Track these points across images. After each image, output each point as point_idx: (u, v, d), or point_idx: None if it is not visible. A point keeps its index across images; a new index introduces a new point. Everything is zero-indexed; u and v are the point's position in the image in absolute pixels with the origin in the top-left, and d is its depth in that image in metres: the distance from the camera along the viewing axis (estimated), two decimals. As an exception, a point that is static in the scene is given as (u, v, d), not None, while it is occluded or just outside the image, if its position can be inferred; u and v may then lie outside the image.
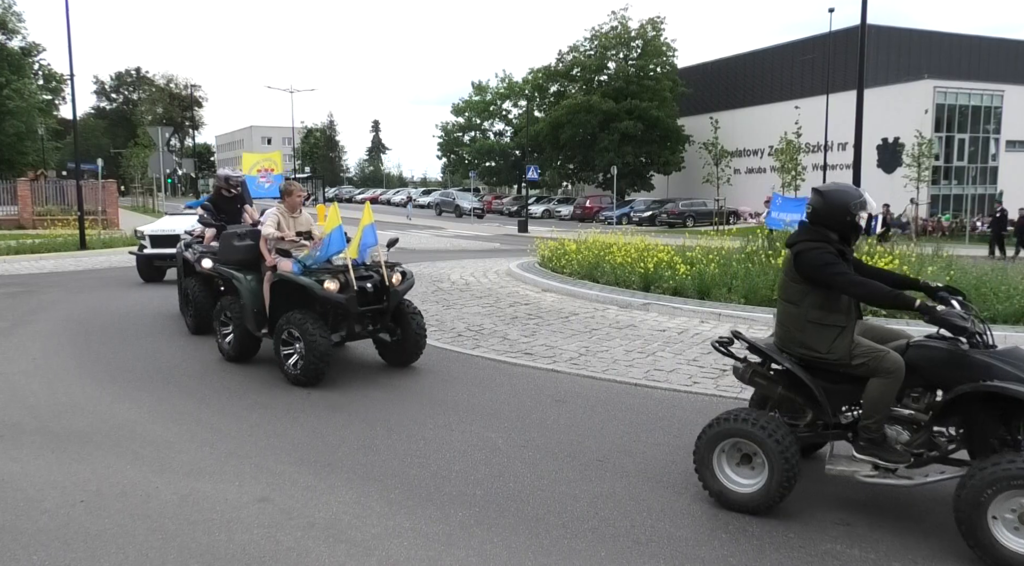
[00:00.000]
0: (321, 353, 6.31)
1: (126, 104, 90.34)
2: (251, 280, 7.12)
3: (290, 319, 6.48)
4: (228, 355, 7.40)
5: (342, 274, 6.62)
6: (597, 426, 5.51)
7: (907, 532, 3.82)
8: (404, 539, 3.72)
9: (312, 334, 6.31)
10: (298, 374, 6.44)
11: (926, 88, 41.27)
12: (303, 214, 7.32)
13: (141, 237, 13.95)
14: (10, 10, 43.33)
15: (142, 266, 13.87)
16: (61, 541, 3.68)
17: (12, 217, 27.57)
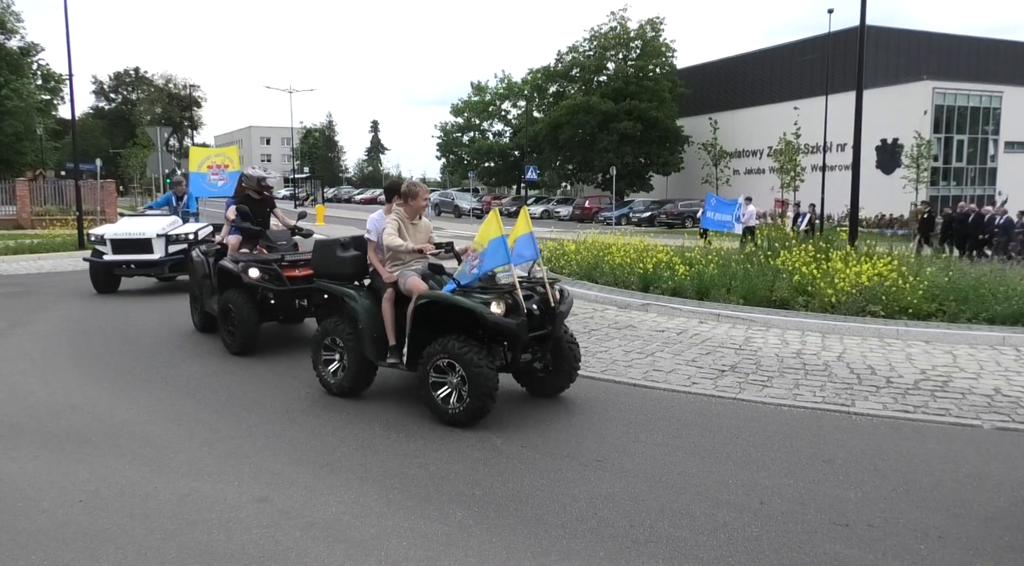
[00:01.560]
0: (489, 388, 5.22)
1: (125, 104, 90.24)
2: (367, 299, 5.95)
3: (448, 347, 5.29)
4: (336, 389, 6.17)
5: (508, 294, 5.42)
6: (596, 426, 5.51)
7: (906, 532, 3.82)
8: (403, 539, 3.72)
9: (479, 365, 5.20)
10: (458, 413, 5.32)
11: (925, 89, 41.34)
12: (423, 220, 6.28)
13: (98, 241, 12.17)
14: (8, 10, 43.32)
15: (98, 274, 12.08)
16: (59, 541, 3.67)
17: (11, 217, 27.55)
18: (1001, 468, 4.70)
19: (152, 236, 12.00)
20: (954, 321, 9.03)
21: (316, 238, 6.95)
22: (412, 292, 5.64)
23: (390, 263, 6.00)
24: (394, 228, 5.88)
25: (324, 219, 34.86)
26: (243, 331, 7.52)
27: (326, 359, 6.27)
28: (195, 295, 8.94)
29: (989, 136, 44.47)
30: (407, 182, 6.17)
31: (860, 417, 5.74)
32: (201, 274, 8.58)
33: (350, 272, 6.23)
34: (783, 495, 4.26)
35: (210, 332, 8.56)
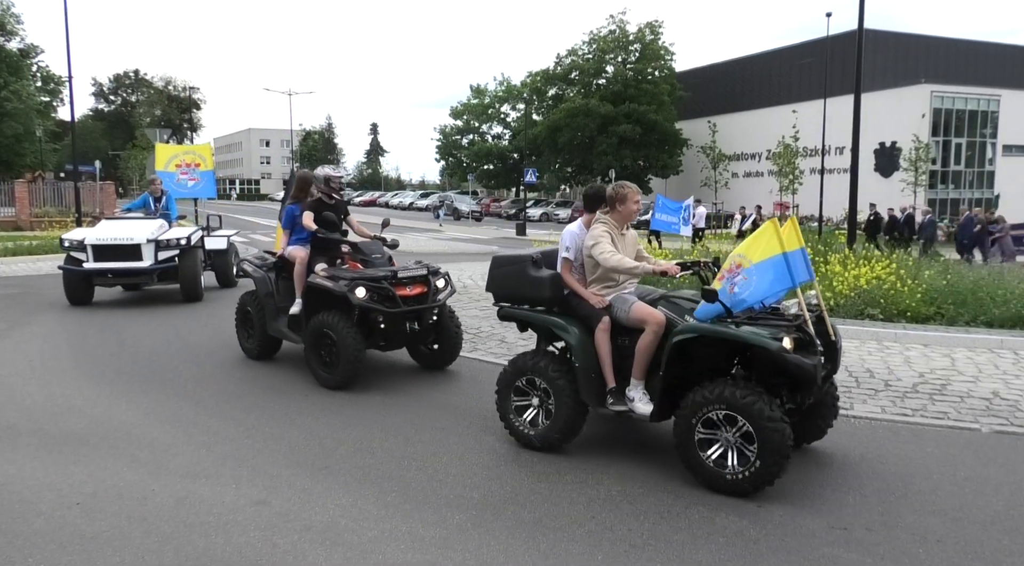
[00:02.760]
0: (786, 447, 4.12)
1: (124, 106, 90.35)
2: (580, 331, 4.86)
3: (725, 396, 4.19)
4: (539, 441, 4.98)
5: (796, 327, 4.33)
6: (594, 429, 5.50)
7: (904, 535, 3.82)
8: (401, 542, 3.71)
9: (772, 419, 4.09)
10: (743, 480, 4.20)
11: (923, 92, 41.40)
12: (631, 230, 5.24)
13: (74, 247, 10.90)
14: (8, 11, 43.40)
15: (75, 285, 10.86)
16: (57, 543, 3.67)
17: (10, 219, 27.51)
18: (999, 472, 4.70)
19: (142, 241, 10.85)
20: (952, 324, 9.03)
21: (496, 253, 5.66)
22: (645, 322, 4.59)
23: (598, 285, 4.92)
24: (608, 243, 4.82)
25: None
26: (347, 360, 6.33)
27: (519, 405, 5.11)
28: (246, 316, 7.68)
29: (987, 139, 44.55)
30: (614, 184, 5.04)
31: (858, 420, 5.74)
32: (264, 292, 7.40)
33: (548, 296, 5.03)
34: (781, 498, 4.26)
35: (265, 359, 7.61)
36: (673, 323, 4.55)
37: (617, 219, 4.98)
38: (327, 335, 6.45)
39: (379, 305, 6.43)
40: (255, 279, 7.57)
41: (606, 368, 4.79)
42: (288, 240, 7.47)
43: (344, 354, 6.34)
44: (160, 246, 11.00)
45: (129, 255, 10.82)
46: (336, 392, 6.47)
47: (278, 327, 7.28)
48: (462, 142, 67.77)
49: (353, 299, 6.33)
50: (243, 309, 7.75)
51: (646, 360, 4.61)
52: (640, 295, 4.90)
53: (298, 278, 7.07)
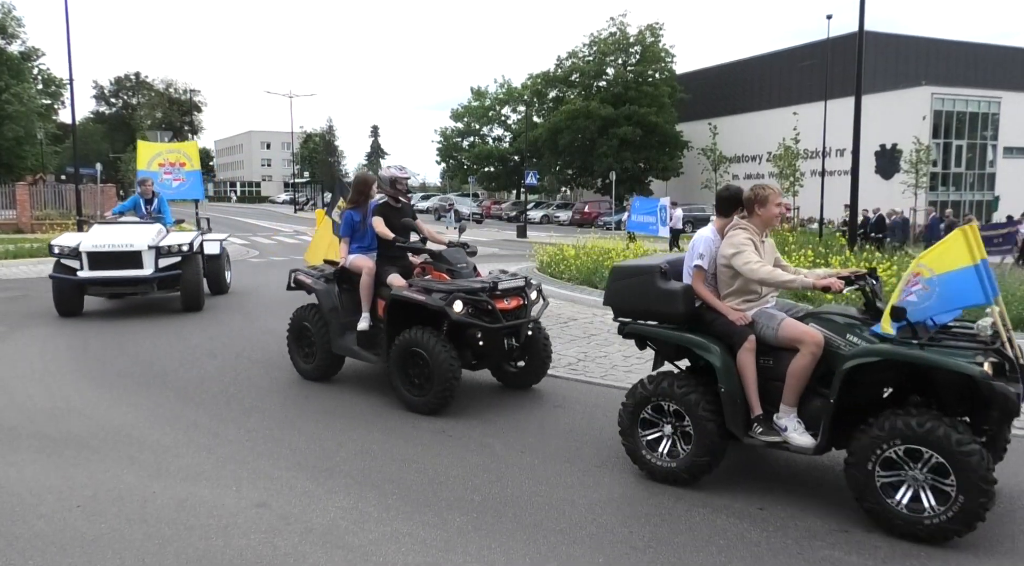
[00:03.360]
0: (986, 469, 3.64)
1: (125, 109, 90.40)
2: (722, 352, 4.36)
3: (900, 429, 3.70)
4: (686, 473, 4.44)
5: (992, 349, 3.79)
6: (595, 432, 5.51)
7: (905, 538, 3.81)
8: (402, 545, 3.71)
9: (963, 442, 3.62)
10: (950, 520, 3.67)
11: (924, 95, 41.39)
12: (769, 237, 4.74)
13: (66, 254, 10.08)
14: (10, 14, 43.36)
15: (66, 295, 10.14)
16: (57, 546, 3.67)
17: (11, 221, 27.54)
18: (1000, 474, 4.67)
19: (143, 248, 10.14)
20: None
21: (615, 263, 5.16)
22: (800, 342, 4.12)
23: (736, 298, 4.47)
24: (753, 251, 4.35)
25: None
26: (441, 382, 5.69)
27: (651, 439, 4.59)
28: (303, 334, 6.98)
29: (988, 141, 44.51)
30: (753, 186, 4.58)
31: (859, 423, 5.73)
32: (328, 306, 6.68)
33: (682, 311, 4.50)
34: (782, 500, 4.26)
35: (323, 380, 6.89)
36: (832, 343, 4.09)
37: (758, 224, 4.50)
38: (417, 354, 5.80)
39: (479, 320, 5.79)
40: (318, 292, 6.79)
41: (752, 393, 4.28)
42: (348, 248, 6.77)
43: (438, 375, 5.68)
44: (161, 253, 10.35)
45: (128, 263, 10.13)
46: (336, 396, 6.47)
47: (345, 345, 6.59)
48: (463, 144, 67.78)
49: (452, 314, 5.68)
50: (299, 326, 7.00)
51: (801, 385, 4.13)
52: (783, 310, 4.45)
53: (365, 290, 6.43)
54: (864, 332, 4.03)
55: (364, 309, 6.46)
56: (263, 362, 7.68)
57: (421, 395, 5.86)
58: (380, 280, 6.40)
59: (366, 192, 6.77)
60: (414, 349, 5.83)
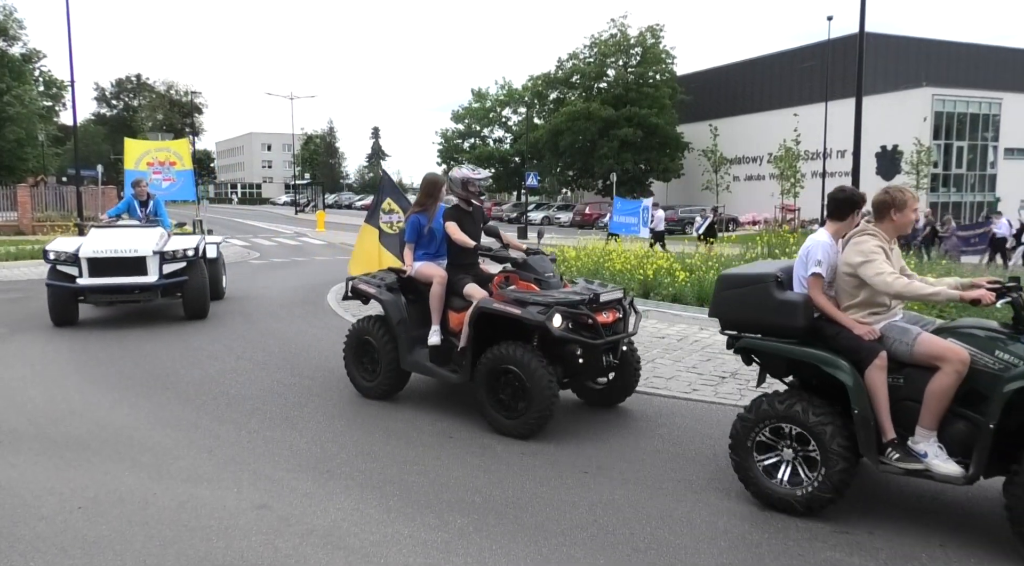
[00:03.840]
0: None
1: (126, 110, 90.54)
2: (852, 370, 3.95)
3: None
4: (816, 503, 4.03)
5: None
6: (596, 433, 5.51)
7: (907, 540, 3.81)
8: (403, 546, 3.71)
9: None
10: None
11: (925, 96, 41.42)
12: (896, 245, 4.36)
13: (64, 260, 9.48)
14: (11, 16, 43.41)
15: (63, 303, 9.52)
16: (58, 548, 3.67)
17: (12, 223, 27.56)
18: (1002, 476, 4.68)
19: (147, 254, 9.58)
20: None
21: (723, 272, 4.70)
22: (942, 359, 3.74)
23: (860, 310, 4.11)
24: (884, 261, 3.99)
25: (324, 225, 34.86)
26: (540, 402, 5.14)
27: (768, 465, 4.20)
28: (365, 349, 6.37)
29: (989, 143, 44.54)
30: (889, 188, 4.19)
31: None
32: (397, 318, 6.09)
33: (802, 324, 4.13)
34: (784, 502, 4.25)
35: (384, 400, 6.31)
36: (978, 361, 3.75)
37: (889, 231, 4.14)
38: (510, 373, 5.27)
39: (581, 335, 5.29)
40: (384, 303, 6.18)
41: (883, 415, 3.90)
42: (414, 254, 6.25)
43: (536, 396, 5.14)
44: (165, 258, 9.78)
45: (132, 269, 9.55)
46: (337, 398, 6.47)
47: (416, 361, 6.04)
48: (463, 146, 67.85)
49: (554, 330, 5.14)
50: (359, 340, 6.42)
51: (943, 407, 3.77)
52: (913, 323, 4.11)
53: (437, 301, 5.91)
54: (1012, 347, 3.71)
55: (434, 322, 5.95)
56: (264, 364, 7.68)
57: (513, 417, 5.31)
58: (453, 290, 5.90)
59: (435, 194, 6.23)
60: (506, 367, 5.27)
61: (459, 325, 5.78)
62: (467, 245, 5.82)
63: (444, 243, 6.16)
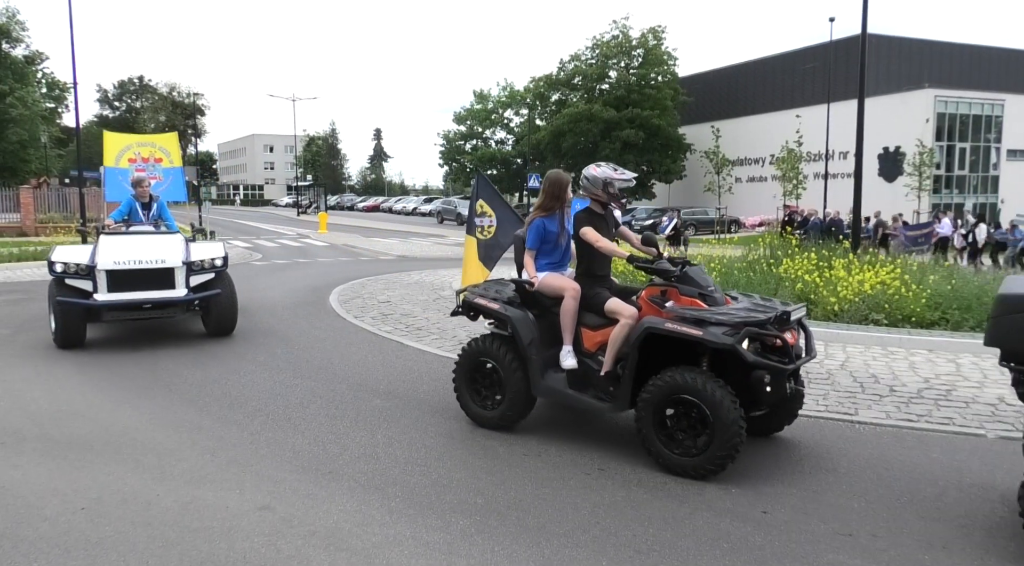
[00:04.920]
0: None
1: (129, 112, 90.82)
2: None
3: None
4: None
5: None
6: (599, 435, 5.50)
7: (910, 542, 3.81)
8: (405, 548, 3.71)
9: None
10: None
11: (927, 97, 41.37)
12: None
13: (77, 273, 8.29)
14: (14, 19, 43.51)
15: (74, 322, 8.22)
16: (61, 548, 3.67)
17: (14, 224, 27.63)
18: (1005, 478, 4.68)
19: (177, 264, 8.45)
20: (957, 329, 9.00)
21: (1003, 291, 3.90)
22: None
23: None
24: None
25: (327, 226, 34.88)
26: (725, 439, 4.44)
27: None
28: (482, 372, 5.61)
29: (991, 144, 44.48)
30: None
31: (863, 426, 5.73)
32: (528, 338, 5.29)
33: None
34: (786, 504, 4.25)
35: (503, 430, 5.52)
36: None
37: None
38: (686, 403, 4.56)
39: (772, 360, 4.60)
40: (513, 321, 5.35)
41: None
42: (534, 263, 5.54)
43: (722, 430, 4.42)
44: (193, 269, 8.65)
45: (159, 282, 8.40)
46: (339, 400, 6.47)
47: (552, 387, 5.25)
48: (465, 147, 67.90)
49: (746, 355, 4.46)
50: (475, 363, 5.62)
51: None
52: None
53: (570, 317, 5.21)
54: None
55: (566, 341, 5.25)
56: (266, 365, 7.68)
57: (690, 455, 4.59)
58: (587, 305, 5.23)
59: (561, 196, 5.50)
60: (681, 396, 4.57)
61: (595, 345, 5.17)
62: (618, 256, 5.17)
63: (568, 251, 5.54)
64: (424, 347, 8.55)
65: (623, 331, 4.91)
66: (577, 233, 5.25)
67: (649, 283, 5.12)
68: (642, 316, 4.90)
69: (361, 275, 16.21)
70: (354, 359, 7.99)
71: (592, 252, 5.23)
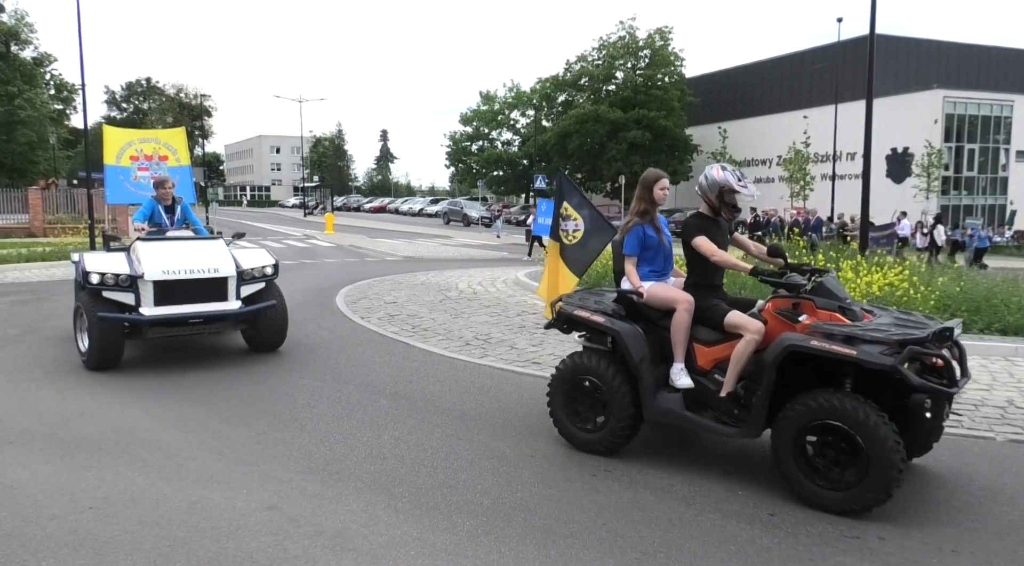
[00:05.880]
0: None
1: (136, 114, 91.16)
2: None
3: None
4: None
5: None
6: (605, 436, 5.49)
7: (918, 546, 3.79)
8: (411, 548, 3.71)
9: None
10: None
11: (935, 98, 41.21)
12: None
13: (116, 285, 7.27)
14: (23, 21, 43.82)
15: (113, 339, 7.22)
16: (69, 547, 3.69)
17: (23, 225, 27.79)
18: (1014, 481, 4.66)
19: (231, 273, 7.58)
20: (966, 331, 8.95)
21: None
22: None
23: None
24: None
25: (333, 227, 34.96)
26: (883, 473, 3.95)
27: None
28: (582, 389, 5.11)
29: (1000, 145, 44.27)
30: None
31: (871, 428, 5.69)
32: (639, 355, 4.81)
33: None
34: (794, 506, 4.23)
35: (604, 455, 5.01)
36: None
37: None
38: (836, 431, 4.06)
39: (934, 381, 4.06)
40: (623, 336, 4.85)
41: None
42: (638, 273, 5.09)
43: (879, 461, 3.93)
44: (244, 279, 7.79)
45: (211, 294, 7.50)
46: (345, 400, 6.48)
47: (666, 408, 4.76)
48: (472, 148, 67.94)
49: (911, 378, 3.93)
50: (574, 381, 5.14)
51: None
52: None
53: (682, 332, 4.77)
54: None
55: (678, 358, 4.80)
56: (273, 365, 7.70)
57: (837, 488, 4.10)
58: (705, 319, 4.79)
59: (652, 198, 5.19)
60: (828, 423, 4.07)
61: (710, 362, 4.75)
62: (739, 270, 4.73)
63: (671, 257, 5.17)
64: (430, 348, 8.55)
65: (749, 348, 4.44)
66: (689, 242, 4.84)
67: (773, 294, 4.66)
68: (769, 331, 4.43)
69: (367, 276, 16.24)
70: (360, 360, 8.00)
71: (705, 260, 4.80)
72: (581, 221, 6.46)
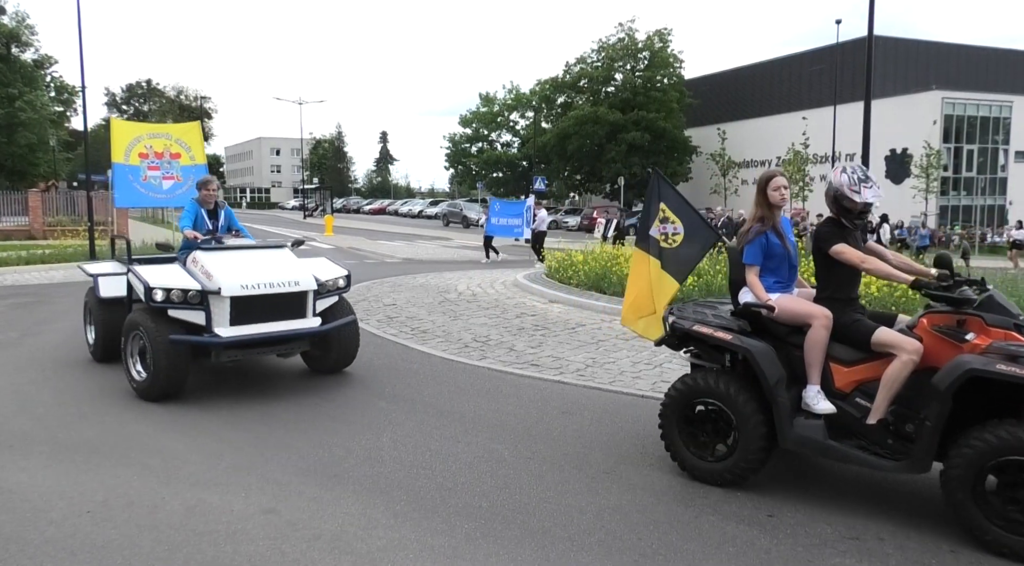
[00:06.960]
0: None
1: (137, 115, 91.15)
2: None
3: None
4: None
5: None
6: (604, 438, 5.49)
7: (917, 546, 3.79)
8: (410, 551, 3.71)
9: None
10: None
11: (934, 99, 41.28)
12: None
13: (184, 302, 6.32)
14: (23, 23, 43.81)
15: (182, 362, 6.30)
16: (67, 551, 3.68)
17: (23, 228, 27.78)
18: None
19: (311, 287, 6.73)
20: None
21: None
22: None
23: None
24: None
25: (333, 229, 34.95)
26: None
27: None
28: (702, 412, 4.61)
29: (999, 146, 44.34)
30: None
31: (870, 429, 5.69)
32: (775, 377, 4.30)
33: None
34: (792, 508, 4.23)
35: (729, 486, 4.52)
36: None
37: None
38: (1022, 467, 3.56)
39: None
40: (754, 354, 4.32)
41: None
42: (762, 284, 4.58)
43: None
44: (320, 293, 6.93)
45: (290, 310, 6.65)
46: (344, 402, 6.47)
47: (806, 436, 4.24)
48: (471, 150, 68.04)
49: None
50: (690, 404, 4.64)
51: None
52: None
53: (819, 350, 4.27)
54: None
55: (812, 379, 4.29)
56: (271, 368, 7.70)
57: None
58: (844, 336, 4.31)
59: (768, 202, 4.65)
60: (1014, 459, 3.57)
61: (849, 385, 4.26)
62: (898, 280, 4.18)
63: (796, 267, 4.76)
64: (429, 350, 8.55)
65: (906, 370, 3.97)
66: (825, 251, 4.37)
67: (927, 309, 4.20)
68: (927, 351, 3.99)
69: (367, 278, 16.23)
70: (359, 362, 7.99)
71: (840, 271, 4.35)
72: (680, 224, 5.80)
